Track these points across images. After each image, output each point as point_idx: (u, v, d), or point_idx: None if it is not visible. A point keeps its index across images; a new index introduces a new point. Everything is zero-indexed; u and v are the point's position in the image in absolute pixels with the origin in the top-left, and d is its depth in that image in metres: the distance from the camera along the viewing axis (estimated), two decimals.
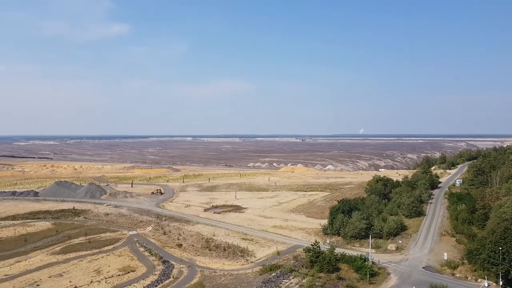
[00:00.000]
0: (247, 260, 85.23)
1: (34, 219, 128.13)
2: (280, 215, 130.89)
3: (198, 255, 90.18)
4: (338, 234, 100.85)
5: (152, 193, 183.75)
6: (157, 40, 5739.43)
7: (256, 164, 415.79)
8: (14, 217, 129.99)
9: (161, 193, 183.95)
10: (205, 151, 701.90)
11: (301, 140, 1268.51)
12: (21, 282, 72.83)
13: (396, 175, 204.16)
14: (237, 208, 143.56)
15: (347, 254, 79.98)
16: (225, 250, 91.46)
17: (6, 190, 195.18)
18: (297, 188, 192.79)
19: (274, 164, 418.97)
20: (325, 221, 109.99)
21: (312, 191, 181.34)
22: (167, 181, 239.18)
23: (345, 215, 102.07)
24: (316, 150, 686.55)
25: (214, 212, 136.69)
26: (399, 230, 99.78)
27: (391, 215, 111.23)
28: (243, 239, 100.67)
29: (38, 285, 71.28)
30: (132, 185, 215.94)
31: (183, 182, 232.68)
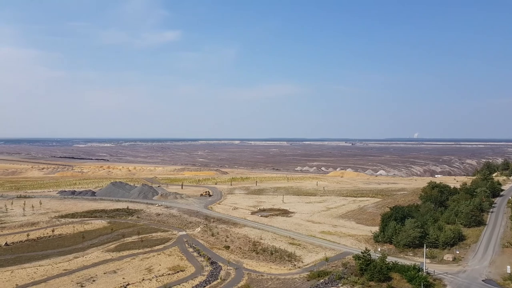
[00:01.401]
0: (295, 265, 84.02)
1: (91, 217, 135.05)
2: (328, 220, 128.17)
3: (245, 257, 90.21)
4: (390, 242, 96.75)
5: (201, 195, 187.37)
6: (207, 46, 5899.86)
7: (304, 168, 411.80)
8: (73, 215, 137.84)
9: (210, 195, 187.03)
10: (253, 154, 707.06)
11: (351, 144, 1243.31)
12: (78, 277, 76.63)
13: (453, 182, 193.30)
14: (285, 212, 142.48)
15: (399, 263, 76.32)
16: (272, 254, 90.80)
17: (67, 190, 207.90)
18: (346, 194, 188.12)
19: (323, 168, 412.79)
20: (376, 228, 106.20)
21: (363, 196, 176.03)
22: (215, 184, 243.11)
23: (398, 223, 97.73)
24: (367, 154, 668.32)
25: (261, 216, 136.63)
26: (457, 239, 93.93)
27: (448, 223, 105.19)
28: (290, 243, 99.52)
29: (94, 281, 74.60)
30: (182, 187, 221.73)
31: (231, 184, 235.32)
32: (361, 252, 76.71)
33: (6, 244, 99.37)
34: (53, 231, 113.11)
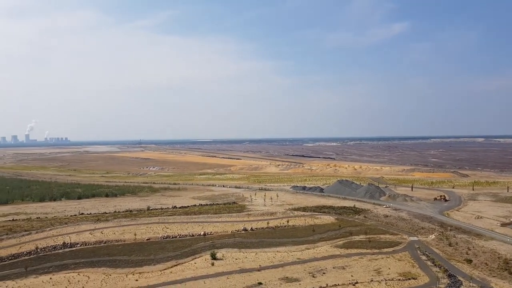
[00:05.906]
0: None
1: (320, 212, 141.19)
2: None
3: (493, 276, 75.32)
4: None
5: (435, 199, 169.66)
6: (440, 34, 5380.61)
7: None
8: (304, 209, 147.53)
9: (445, 200, 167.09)
10: (502, 154, 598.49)
11: None
12: (310, 267, 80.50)
13: None
14: None
15: None
16: None
17: (298, 185, 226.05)
18: None
19: None
20: None
21: None
22: (453, 187, 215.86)
23: None
24: None
25: None
26: None
27: None
28: None
29: (324, 273, 76.77)
30: (412, 189, 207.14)
31: (473, 189, 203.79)
32: None
33: (251, 229, 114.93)
34: (287, 221, 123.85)
